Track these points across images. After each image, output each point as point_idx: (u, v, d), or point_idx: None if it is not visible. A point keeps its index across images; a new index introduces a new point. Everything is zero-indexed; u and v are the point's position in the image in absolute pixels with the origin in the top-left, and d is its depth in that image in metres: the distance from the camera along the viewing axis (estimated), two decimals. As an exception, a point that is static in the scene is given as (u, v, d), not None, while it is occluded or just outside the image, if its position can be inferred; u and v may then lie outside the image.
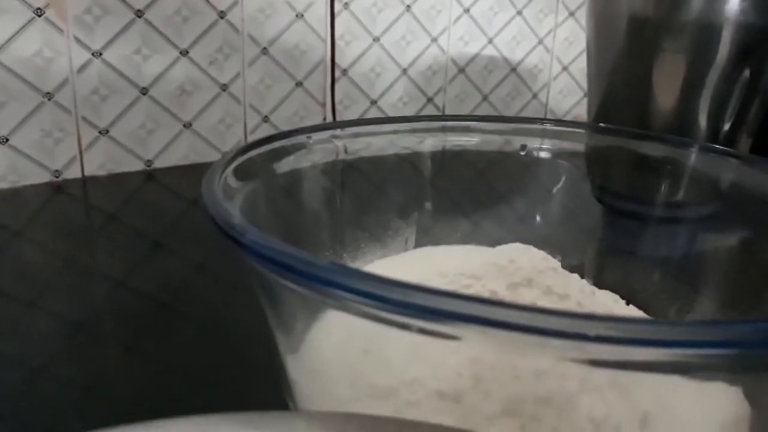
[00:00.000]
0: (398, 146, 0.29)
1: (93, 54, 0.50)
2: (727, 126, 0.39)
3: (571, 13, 0.74)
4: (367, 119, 0.28)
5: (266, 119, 0.59)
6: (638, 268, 0.29)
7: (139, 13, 0.51)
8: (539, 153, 0.30)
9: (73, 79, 0.50)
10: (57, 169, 0.51)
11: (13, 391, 0.26)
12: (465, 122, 0.30)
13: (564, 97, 0.77)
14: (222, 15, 0.54)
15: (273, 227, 0.22)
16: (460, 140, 0.30)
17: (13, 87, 0.47)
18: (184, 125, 0.55)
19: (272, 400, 0.21)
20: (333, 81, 0.61)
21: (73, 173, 0.51)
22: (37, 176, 0.50)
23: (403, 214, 0.30)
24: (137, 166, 0.54)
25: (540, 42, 0.73)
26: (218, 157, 0.57)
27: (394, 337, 0.17)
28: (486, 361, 0.17)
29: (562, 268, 0.25)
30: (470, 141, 0.30)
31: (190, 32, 0.53)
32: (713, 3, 0.36)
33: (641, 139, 0.30)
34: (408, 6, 0.63)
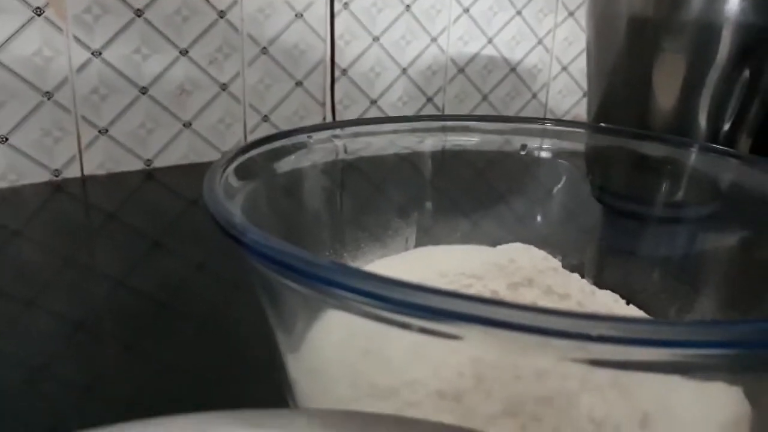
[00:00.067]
0: (398, 146, 0.29)
1: (92, 53, 0.50)
2: (727, 126, 0.39)
3: (571, 13, 0.74)
4: (368, 119, 0.28)
5: (266, 119, 0.59)
6: (638, 268, 0.29)
7: (139, 13, 0.51)
8: (539, 153, 0.30)
9: (73, 79, 0.50)
10: (56, 169, 0.51)
11: (13, 391, 0.26)
12: (465, 122, 0.30)
13: (563, 97, 0.77)
14: (222, 14, 0.54)
15: (274, 227, 0.22)
16: (460, 140, 0.30)
17: (13, 86, 0.47)
18: (184, 125, 0.55)
19: (272, 399, 0.21)
20: (333, 81, 0.61)
21: (73, 172, 0.51)
22: (37, 175, 0.50)
23: (404, 214, 0.30)
24: (137, 166, 0.54)
25: (539, 42, 0.73)
26: (218, 157, 0.57)
27: (395, 337, 0.17)
28: (487, 361, 0.17)
29: (563, 268, 0.25)
30: (470, 141, 0.30)
31: (190, 32, 0.53)
32: (713, 3, 0.36)
33: (641, 139, 0.30)
34: (408, 6, 0.63)
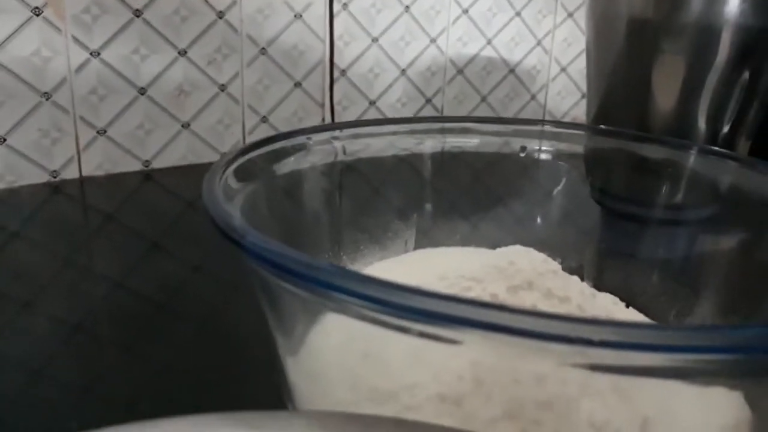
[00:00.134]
0: (398, 147, 0.29)
1: (91, 54, 0.50)
2: (727, 128, 0.39)
3: (570, 14, 0.74)
4: (367, 120, 0.28)
5: (265, 119, 0.59)
6: (638, 271, 0.29)
7: (138, 13, 0.51)
8: (539, 155, 0.30)
9: (71, 79, 0.49)
10: (54, 170, 0.50)
11: (11, 393, 0.26)
12: (464, 124, 0.30)
13: (562, 99, 0.77)
14: (221, 15, 0.54)
15: (273, 229, 0.21)
16: (460, 142, 0.30)
17: (11, 86, 0.47)
18: (183, 125, 0.55)
19: (271, 401, 0.21)
20: (332, 81, 0.61)
21: (71, 173, 0.51)
22: (35, 176, 0.50)
23: (403, 216, 0.30)
24: (135, 167, 0.54)
25: (538, 43, 0.73)
26: (216, 158, 0.57)
27: (395, 341, 0.17)
28: (487, 365, 0.17)
29: (562, 271, 0.25)
30: (470, 143, 0.30)
31: (189, 32, 0.53)
32: (713, 5, 0.36)
33: (641, 141, 0.30)
34: (407, 7, 0.63)
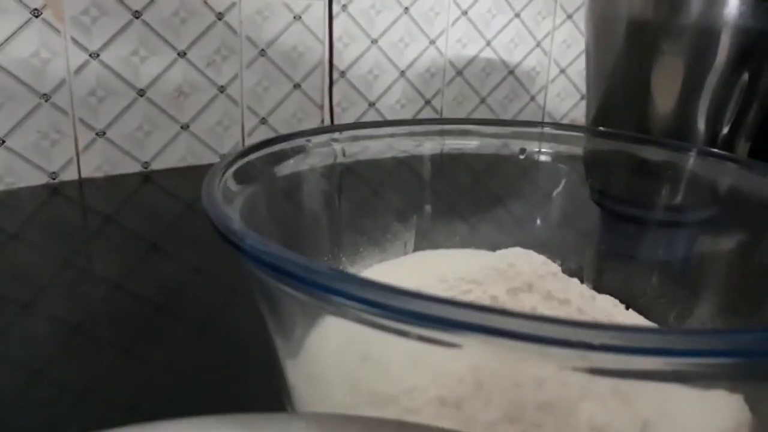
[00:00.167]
0: (397, 149, 0.29)
1: (90, 55, 0.50)
2: (726, 129, 0.39)
3: (569, 16, 0.74)
4: (367, 123, 0.28)
5: (264, 121, 0.59)
6: (638, 272, 0.29)
7: (137, 15, 0.51)
8: (538, 157, 0.30)
9: (70, 81, 0.49)
10: (54, 171, 0.50)
11: (10, 394, 0.26)
12: (464, 126, 0.30)
13: (562, 100, 0.77)
14: (220, 17, 0.54)
15: (272, 231, 0.21)
16: (459, 144, 0.30)
17: (10, 88, 0.47)
18: (182, 127, 0.55)
19: (271, 403, 0.21)
20: (331, 83, 0.61)
21: (70, 175, 0.51)
22: (34, 178, 0.50)
23: (402, 218, 0.30)
24: (134, 168, 0.54)
25: (538, 44, 0.73)
26: (216, 159, 0.57)
27: (394, 343, 0.17)
28: (487, 368, 0.17)
29: (562, 273, 0.25)
30: (469, 144, 0.30)
31: (188, 34, 0.53)
32: (712, 7, 0.36)
33: (640, 143, 0.30)
34: (406, 8, 0.63)
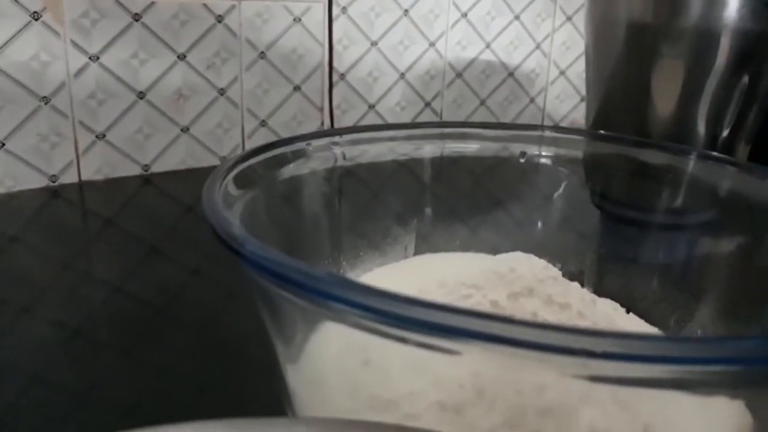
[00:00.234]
0: (397, 153, 0.29)
1: (90, 58, 0.50)
2: (726, 132, 0.39)
3: (569, 18, 0.74)
4: (367, 126, 0.28)
5: (264, 123, 0.59)
6: (638, 276, 0.29)
7: (137, 17, 0.51)
8: (539, 160, 0.30)
9: (70, 84, 0.49)
10: (53, 174, 0.50)
11: (10, 397, 0.26)
12: (464, 129, 0.30)
13: (561, 102, 0.77)
14: (220, 19, 0.54)
15: (273, 235, 0.21)
16: (460, 147, 0.30)
17: (10, 91, 0.47)
18: (182, 130, 0.55)
19: (271, 405, 0.21)
20: (331, 85, 0.61)
21: (70, 178, 0.51)
22: (34, 181, 0.50)
23: (403, 222, 0.30)
24: (134, 171, 0.54)
25: (537, 46, 0.73)
26: (216, 162, 0.57)
27: (394, 348, 0.17)
28: (487, 375, 0.17)
29: (563, 277, 0.25)
30: (469, 148, 0.30)
31: (188, 36, 0.53)
32: (712, 9, 0.36)
33: (640, 147, 0.30)
34: (406, 10, 0.63)
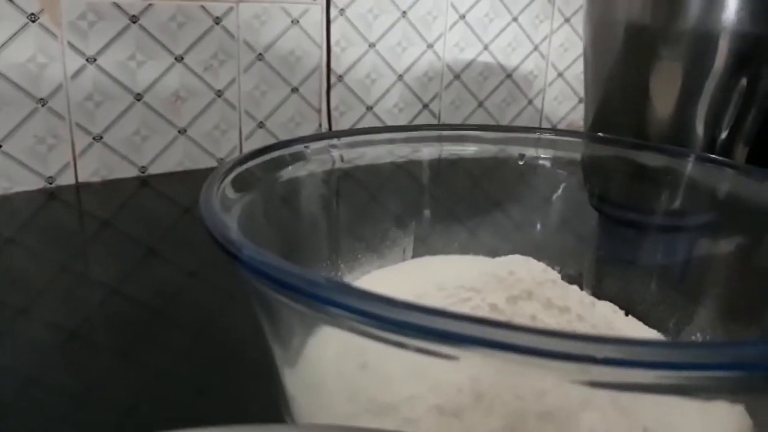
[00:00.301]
0: (396, 155, 0.29)
1: (87, 60, 0.49)
2: (724, 134, 0.39)
3: (567, 20, 0.74)
4: (365, 129, 0.28)
5: (261, 125, 0.59)
6: (637, 278, 0.29)
7: (134, 19, 0.50)
8: (537, 162, 0.30)
9: (67, 85, 0.49)
10: (50, 176, 0.50)
11: (7, 399, 0.26)
12: (463, 132, 0.30)
13: (559, 104, 0.77)
14: (217, 21, 0.54)
15: (270, 239, 0.21)
16: (458, 150, 0.30)
17: (6, 93, 0.47)
18: (179, 131, 0.55)
19: (268, 409, 0.21)
20: (328, 87, 0.61)
21: (67, 180, 0.51)
22: (30, 183, 0.49)
23: (401, 224, 0.29)
24: (131, 173, 0.54)
25: (535, 48, 0.73)
26: (213, 164, 0.57)
27: (393, 352, 0.17)
28: (486, 380, 0.17)
29: (561, 280, 0.25)
30: (467, 150, 0.30)
31: (185, 38, 0.53)
32: (711, 12, 0.36)
33: (638, 149, 0.30)
34: (404, 12, 0.63)
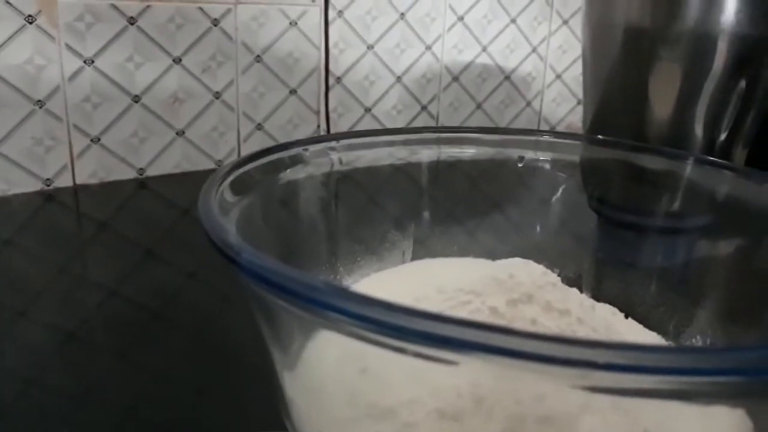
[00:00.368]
0: (395, 158, 0.29)
1: (85, 61, 0.49)
2: (723, 136, 0.39)
3: (565, 21, 0.74)
4: (364, 131, 0.28)
5: (260, 127, 0.59)
6: (636, 280, 0.29)
7: (132, 21, 0.50)
8: (536, 164, 0.30)
9: (65, 87, 0.49)
10: (48, 178, 0.50)
11: (5, 401, 0.26)
12: (462, 134, 0.30)
13: (557, 105, 0.77)
14: (215, 23, 0.54)
15: (269, 242, 0.21)
16: (457, 152, 0.30)
17: (4, 95, 0.47)
18: (177, 133, 0.55)
19: (267, 410, 0.20)
20: (327, 89, 0.61)
21: (64, 181, 0.51)
22: (28, 184, 0.49)
23: (400, 226, 0.29)
24: (129, 174, 0.54)
25: (534, 50, 0.73)
26: (211, 166, 0.57)
27: (393, 356, 0.17)
28: (486, 384, 0.17)
29: (561, 282, 0.25)
30: (467, 152, 0.30)
31: (184, 40, 0.53)
32: (709, 13, 0.36)
33: (637, 152, 0.30)
34: (402, 14, 0.63)
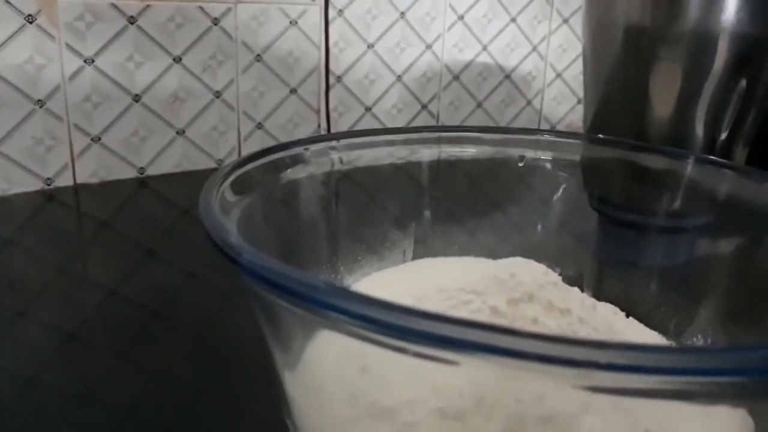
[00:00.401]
0: (395, 157, 0.29)
1: (85, 61, 0.49)
2: (724, 136, 0.39)
3: (565, 20, 0.74)
4: (365, 130, 0.28)
5: (260, 126, 0.59)
6: (637, 280, 0.29)
7: (132, 20, 0.50)
8: (537, 164, 0.30)
9: (65, 86, 0.49)
10: (48, 177, 0.50)
11: (5, 401, 0.26)
12: (462, 133, 0.30)
13: (558, 104, 0.77)
14: (216, 22, 0.54)
15: (270, 241, 0.21)
16: (457, 151, 0.30)
17: (4, 94, 0.47)
18: (177, 132, 0.55)
19: (268, 409, 0.21)
20: (327, 88, 0.61)
21: (65, 181, 0.51)
22: (28, 184, 0.49)
23: (401, 226, 0.29)
24: (130, 174, 0.54)
25: (534, 49, 0.73)
26: (212, 165, 0.57)
27: (393, 356, 0.17)
28: (486, 384, 0.17)
29: (563, 282, 0.25)
30: (467, 151, 0.30)
31: (184, 39, 0.53)
32: (710, 13, 0.36)
33: (638, 151, 0.30)
34: (402, 13, 0.63)
